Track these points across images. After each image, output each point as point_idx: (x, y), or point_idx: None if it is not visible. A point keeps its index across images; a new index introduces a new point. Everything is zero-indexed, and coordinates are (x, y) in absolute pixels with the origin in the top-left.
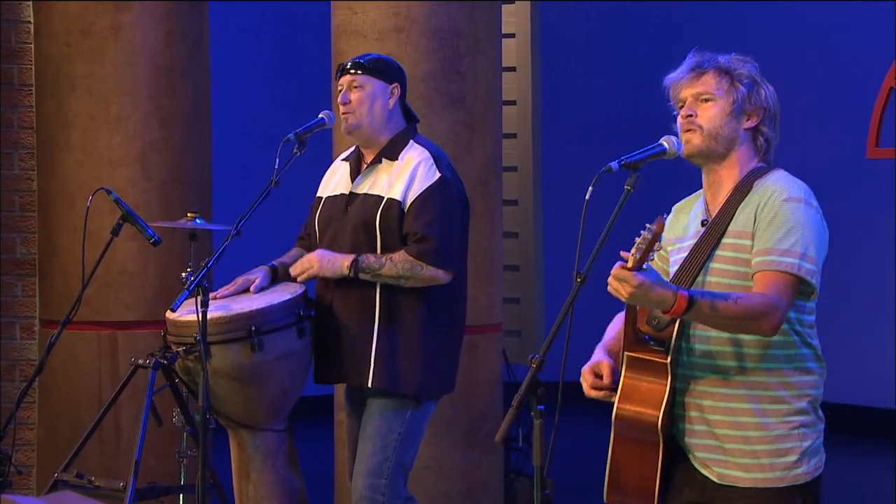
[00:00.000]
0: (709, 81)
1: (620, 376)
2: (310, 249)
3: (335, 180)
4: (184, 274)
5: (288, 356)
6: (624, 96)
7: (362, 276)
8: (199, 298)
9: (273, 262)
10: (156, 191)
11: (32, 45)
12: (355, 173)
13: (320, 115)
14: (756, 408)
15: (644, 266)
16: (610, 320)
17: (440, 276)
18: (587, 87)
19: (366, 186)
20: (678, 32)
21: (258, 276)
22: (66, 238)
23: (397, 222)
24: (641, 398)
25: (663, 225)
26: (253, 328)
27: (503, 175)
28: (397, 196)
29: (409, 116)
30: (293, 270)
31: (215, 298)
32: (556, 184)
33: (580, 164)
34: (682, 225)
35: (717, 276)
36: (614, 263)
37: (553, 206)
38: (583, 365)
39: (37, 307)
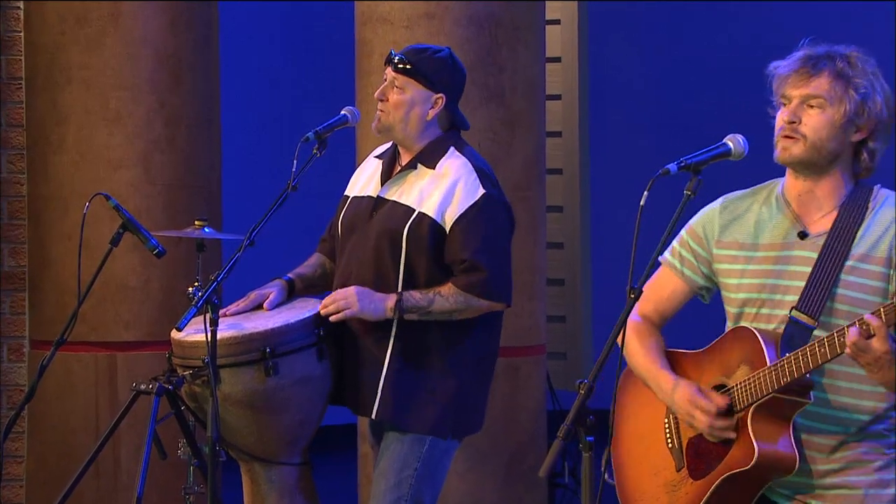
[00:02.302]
0: (821, 85)
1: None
2: (332, 255)
3: (364, 179)
4: (191, 289)
5: (307, 381)
6: (683, 89)
7: (408, 317)
8: (207, 316)
9: (289, 275)
10: (160, 196)
11: (22, 34)
12: (386, 175)
13: (343, 112)
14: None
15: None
16: (668, 339)
17: (495, 307)
18: (641, 80)
19: (396, 193)
20: (743, 21)
21: (273, 290)
22: (59, 249)
23: (427, 240)
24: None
25: None
26: (268, 350)
27: (547, 178)
28: (431, 212)
29: (455, 122)
30: (325, 309)
31: (226, 316)
32: (606, 188)
33: (633, 165)
34: (746, 228)
35: (848, 305)
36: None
37: (603, 212)
38: None
39: (27, 326)
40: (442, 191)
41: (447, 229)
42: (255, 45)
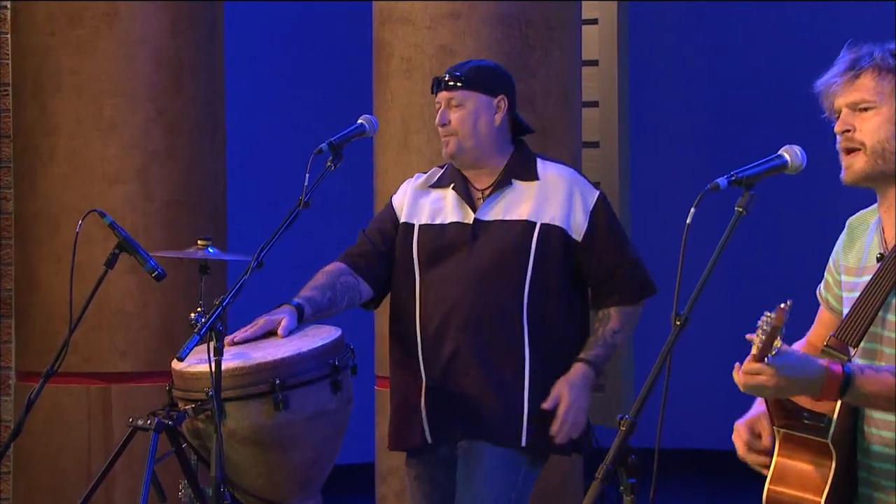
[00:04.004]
0: (865, 85)
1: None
2: (368, 274)
3: (429, 206)
4: (193, 315)
5: (320, 416)
6: (732, 96)
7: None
8: (211, 345)
9: (298, 300)
10: (159, 213)
11: (9, 36)
12: (469, 200)
13: (359, 121)
14: None
15: (773, 351)
16: (718, 371)
17: (641, 309)
18: (686, 85)
19: (498, 212)
20: (800, 22)
21: (284, 316)
22: (48, 271)
23: (561, 251)
24: (799, 480)
25: (784, 318)
26: (277, 381)
27: None
28: (557, 221)
29: (522, 127)
30: (563, 437)
31: (232, 344)
32: (648, 204)
33: (677, 179)
34: (859, 252)
35: (894, 331)
36: (724, 304)
37: (644, 231)
38: (684, 428)
39: (12, 356)
40: (559, 200)
41: (579, 239)
42: (263, 47)
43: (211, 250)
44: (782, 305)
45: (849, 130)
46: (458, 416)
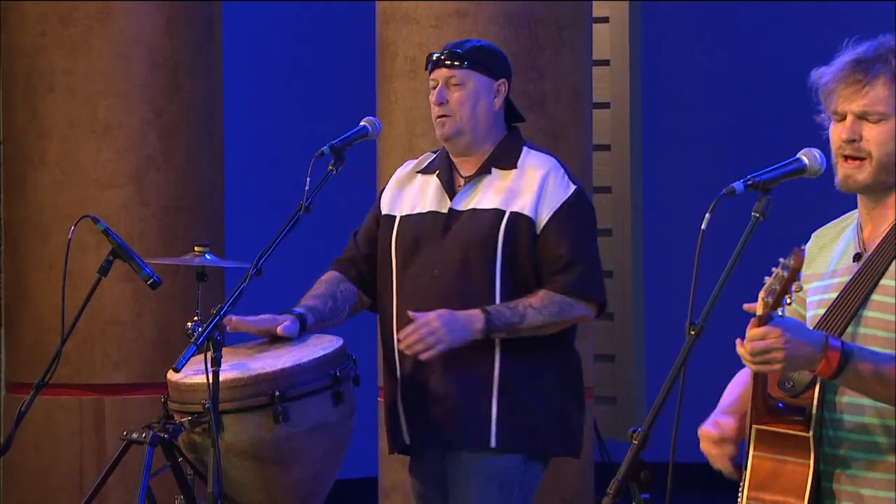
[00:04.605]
0: (878, 95)
1: (747, 455)
2: (359, 279)
3: (412, 195)
4: (190, 324)
5: (321, 429)
6: (748, 97)
7: (496, 335)
8: (208, 355)
9: (299, 310)
10: (154, 219)
11: None
12: (450, 188)
13: (362, 123)
14: None
15: (780, 312)
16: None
17: (589, 313)
18: (700, 86)
19: (472, 201)
20: (817, 22)
21: (286, 319)
22: (39, 278)
23: (527, 241)
24: (779, 484)
25: (802, 259)
26: (277, 393)
27: (594, 197)
28: (525, 210)
29: (515, 115)
30: (410, 348)
31: (231, 321)
32: (661, 209)
33: (691, 183)
34: (826, 258)
35: (873, 328)
36: (739, 313)
37: (657, 237)
38: (699, 442)
39: (2, 367)
40: (532, 190)
41: (539, 228)
42: (262, 47)
43: (208, 257)
44: (798, 250)
45: (855, 139)
46: (429, 417)
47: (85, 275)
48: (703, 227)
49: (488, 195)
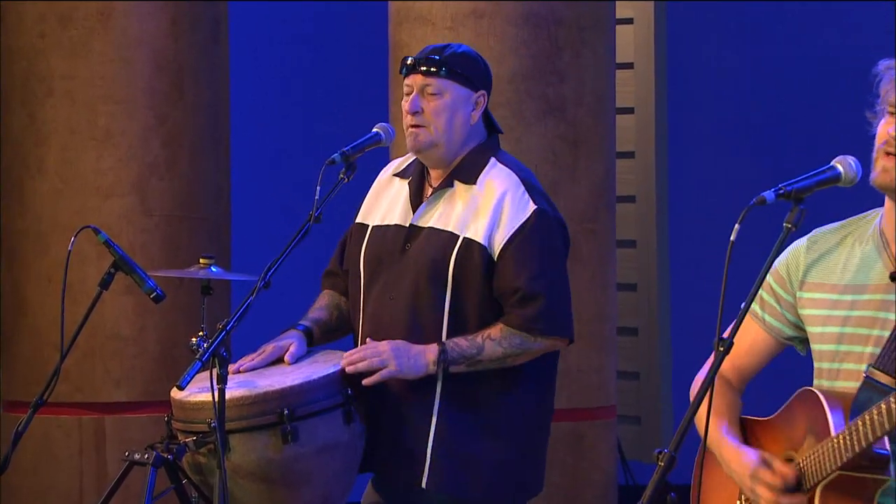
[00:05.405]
0: None
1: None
2: (345, 292)
3: (387, 203)
4: (194, 339)
5: (331, 449)
6: (779, 102)
7: (454, 369)
8: (214, 372)
9: (304, 323)
10: (158, 229)
11: None
12: (416, 199)
13: (375, 130)
14: None
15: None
16: (763, 399)
17: (556, 345)
18: (728, 90)
19: (432, 218)
20: (853, 23)
21: (293, 341)
22: (37, 292)
23: (480, 270)
24: None
25: None
26: (286, 411)
27: (617, 208)
28: (478, 237)
29: (490, 127)
30: (352, 366)
31: (237, 372)
32: (688, 219)
33: (719, 192)
34: (832, 268)
35: None
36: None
37: (683, 248)
38: None
39: None
40: (488, 212)
41: (495, 256)
42: (269, 50)
43: (214, 269)
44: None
45: None
46: (378, 446)
47: (85, 288)
48: (732, 238)
49: (447, 213)
